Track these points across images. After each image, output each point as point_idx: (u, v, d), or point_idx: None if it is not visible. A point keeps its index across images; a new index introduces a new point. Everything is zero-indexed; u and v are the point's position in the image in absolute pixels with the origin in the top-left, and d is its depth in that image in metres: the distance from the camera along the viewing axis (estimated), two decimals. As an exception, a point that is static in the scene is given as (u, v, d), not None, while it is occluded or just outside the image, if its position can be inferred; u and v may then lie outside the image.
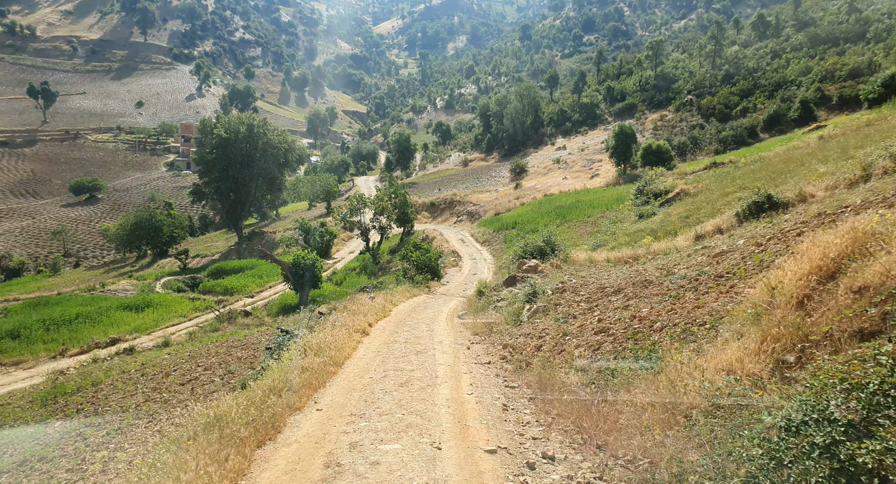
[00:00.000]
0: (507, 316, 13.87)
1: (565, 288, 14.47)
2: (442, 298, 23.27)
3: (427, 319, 15.91)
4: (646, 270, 15.00)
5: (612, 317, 9.84)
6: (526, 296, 14.41)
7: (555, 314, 12.26)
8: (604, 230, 30.43)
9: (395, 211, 44.36)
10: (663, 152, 44.36)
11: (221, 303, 37.63)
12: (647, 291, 11.82)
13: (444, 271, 33.79)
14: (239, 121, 58.66)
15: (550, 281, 16.12)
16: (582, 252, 23.59)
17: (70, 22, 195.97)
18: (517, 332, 11.80)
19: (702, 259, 13.91)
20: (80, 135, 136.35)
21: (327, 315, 16.69)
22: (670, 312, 8.68)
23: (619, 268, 18.27)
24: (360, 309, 15.01)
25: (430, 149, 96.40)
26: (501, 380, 8.83)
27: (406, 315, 16.49)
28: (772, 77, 59.79)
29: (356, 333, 11.76)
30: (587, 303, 12.55)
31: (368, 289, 22.89)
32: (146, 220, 67.37)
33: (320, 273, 33.77)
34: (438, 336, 12.43)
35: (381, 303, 16.87)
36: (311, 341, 10.31)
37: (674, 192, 28.28)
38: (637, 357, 7.63)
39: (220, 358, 17.52)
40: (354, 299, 17.48)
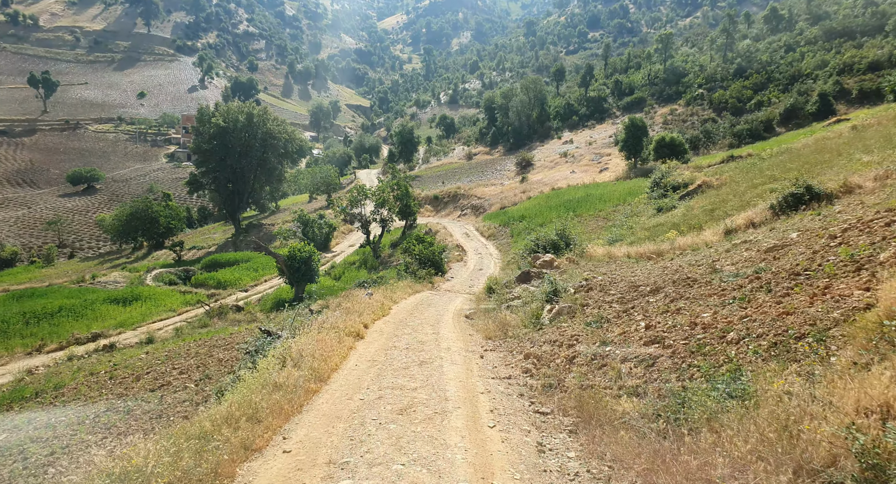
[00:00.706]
0: (525, 317, 12.02)
1: (591, 286, 12.62)
2: (446, 295, 21.45)
3: (431, 318, 14.09)
4: (681, 266, 13.13)
5: (664, 323, 7.98)
6: (546, 294, 12.56)
7: (583, 317, 10.42)
8: (619, 224, 28.56)
9: (397, 203, 42.50)
10: (677, 145, 42.39)
11: (213, 297, 35.86)
12: (695, 291, 10.00)
13: (448, 266, 31.97)
14: (238, 109, 56.79)
15: (571, 278, 14.28)
16: (599, 247, 21.77)
17: (73, 12, 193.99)
18: (539, 337, 9.95)
19: (749, 255, 12.09)
20: (80, 125, 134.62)
21: (319, 313, 14.88)
22: (745, 319, 6.82)
23: (644, 264, 16.52)
24: (356, 307, 13.16)
25: (434, 142, 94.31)
26: (528, 402, 6.99)
27: (408, 314, 14.66)
28: (786, 71, 57.67)
29: (348, 337, 9.91)
30: (621, 304, 10.71)
31: (367, 284, 21.08)
32: (142, 210, 65.69)
33: (317, 267, 31.94)
34: (445, 340, 10.59)
35: (379, 300, 15.02)
36: (293, 348, 8.48)
37: (695, 185, 26.37)
38: (712, 379, 5.79)
39: (199, 359, 15.73)
40: (350, 296, 15.64)
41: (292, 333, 9.88)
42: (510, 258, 30.64)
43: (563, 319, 10.79)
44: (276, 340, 10.55)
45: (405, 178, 45.31)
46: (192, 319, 30.06)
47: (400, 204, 43.34)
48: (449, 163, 79.75)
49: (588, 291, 12.24)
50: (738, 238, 15.70)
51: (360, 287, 20.04)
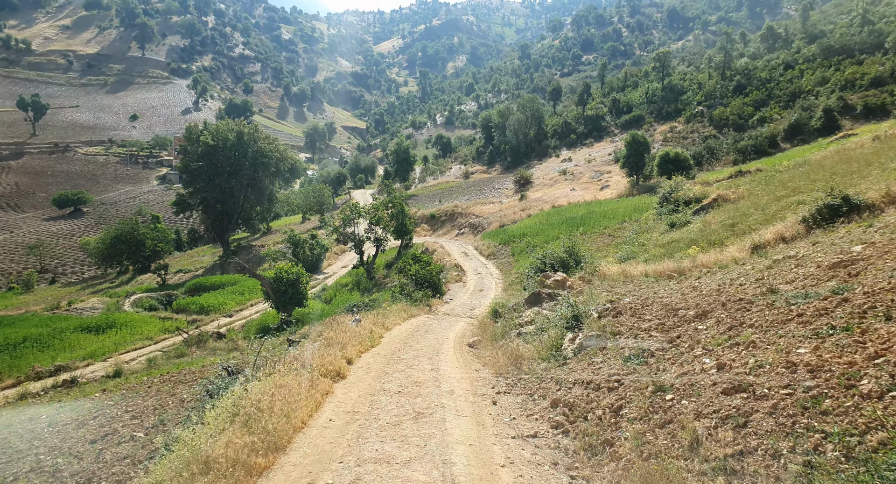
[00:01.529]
0: (542, 348, 9.97)
1: (618, 309, 10.61)
2: (445, 320, 19.37)
3: (429, 348, 12.02)
4: (722, 286, 11.18)
5: (741, 361, 5.95)
6: (565, 320, 10.54)
7: (617, 349, 8.41)
8: (629, 241, 26.67)
9: (392, 222, 40.57)
10: (682, 161, 40.84)
11: (195, 323, 33.57)
12: (756, 316, 8.05)
13: (446, 287, 29.89)
14: (227, 128, 55.15)
15: (590, 299, 12.28)
16: (612, 265, 19.86)
17: (67, 36, 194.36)
18: (566, 376, 7.89)
19: (806, 272, 10.24)
20: (69, 148, 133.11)
21: (297, 344, 12.78)
22: (876, 360, 4.83)
23: (666, 283, 14.64)
24: (340, 337, 11.06)
25: (431, 161, 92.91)
26: (566, 477, 4.93)
27: (401, 343, 12.58)
28: (787, 87, 56.84)
29: (325, 379, 7.83)
30: (662, 332, 8.71)
31: (357, 308, 18.96)
32: (128, 233, 63.68)
33: (306, 289, 29.84)
34: (447, 380, 8.53)
35: (368, 327, 12.93)
36: (250, 396, 6.39)
37: (709, 199, 24.60)
38: (867, 460, 3.76)
39: (159, 399, 13.54)
40: (334, 323, 13.55)
41: (255, 372, 7.78)
42: (513, 278, 28.64)
43: (592, 351, 8.76)
44: (236, 381, 8.44)
45: (401, 195, 43.47)
46: (168, 349, 27.75)
47: (395, 222, 41.42)
48: (446, 182, 78.19)
49: (617, 316, 10.23)
50: (773, 254, 13.89)
51: (349, 312, 17.95)
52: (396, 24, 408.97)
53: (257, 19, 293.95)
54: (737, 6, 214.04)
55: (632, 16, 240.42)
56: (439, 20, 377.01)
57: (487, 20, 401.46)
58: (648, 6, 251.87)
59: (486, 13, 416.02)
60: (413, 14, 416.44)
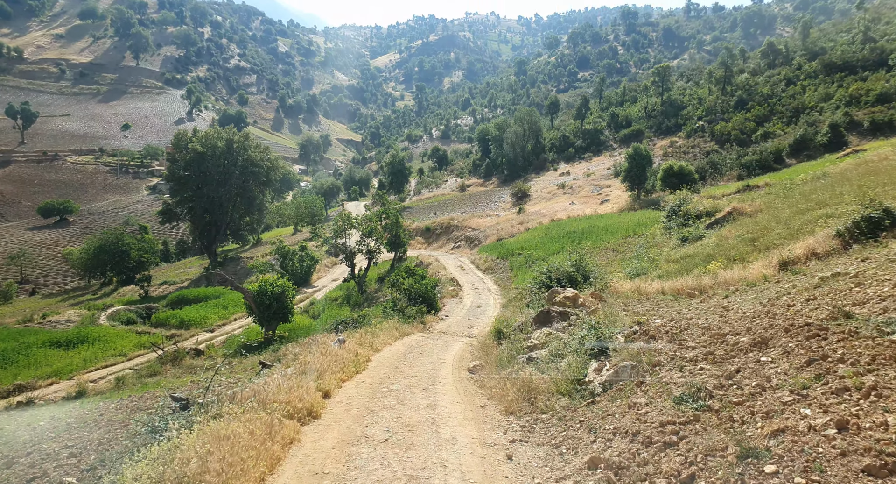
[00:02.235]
0: (560, 379, 8.25)
1: (649, 333, 8.92)
2: (441, 339, 17.60)
3: (423, 375, 10.27)
4: (771, 308, 9.55)
5: (878, 420, 4.24)
6: (588, 346, 8.83)
7: (661, 385, 6.71)
8: (637, 256, 25.07)
9: (385, 233, 38.88)
10: (686, 174, 39.52)
11: (173, 338, 31.54)
12: (842, 349, 6.42)
13: (441, 303, 28.09)
14: (217, 135, 53.54)
15: (610, 320, 10.59)
16: (624, 281, 18.26)
17: (60, 45, 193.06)
18: (599, 420, 6.17)
19: (884, 291, 8.74)
20: (58, 156, 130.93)
21: (271, 368, 10.98)
22: None
23: (688, 302, 13.12)
24: (318, 362, 9.28)
25: (426, 174, 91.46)
26: None
27: (391, 369, 10.81)
28: (789, 103, 56.02)
29: (290, 421, 6.07)
30: (714, 365, 7.03)
31: (342, 326, 17.14)
32: (112, 243, 61.44)
33: (291, 303, 27.97)
34: (447, 422, 6.79)
35: (353, 349, 11.14)
36: (183, 449, 4.60)
37: (723, 212, 23.10)
38: None
39: (110, 430, 11.66)
40: (314, 344, 11.76)
41: (200, 412, 5.99)
42: (513, 294, 26.92)
43: (628, 386, 7.04)
44: (185, 413, 6.65)
45: (395, 206, 41.80)
46: (141, 366, 25.78)
47: (389, 234, 39.73)
48: (441, 194, 76.68)
49: (650, 342, 8.53)
50: (812, 271, 12.38)
51: (333, 331, 16.12)
52: (393, 39, 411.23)
53: (254, 32, 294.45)
54: (731, 27, 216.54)
55: (627, 34, 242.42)
56: (436, 36, 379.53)
57: (484, 37, 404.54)
58: (644, 25, 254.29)
59: (482, 30, 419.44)
60: (410, 29, 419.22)
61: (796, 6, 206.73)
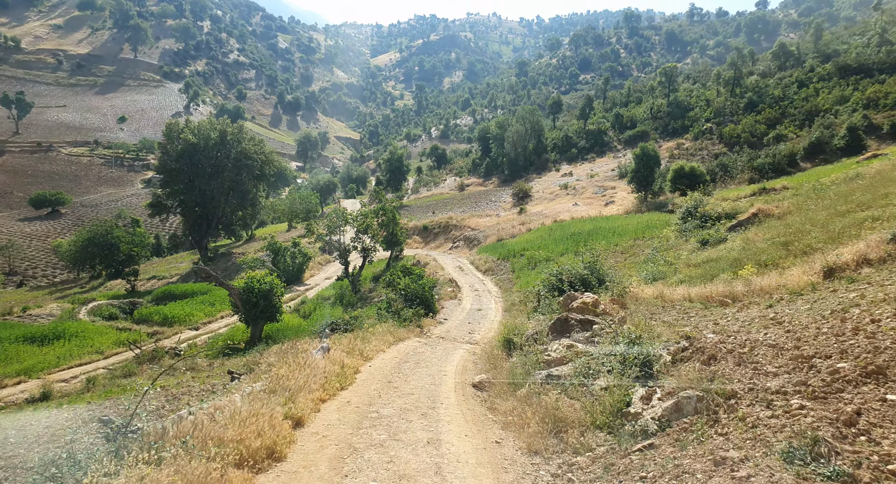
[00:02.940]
0: (596, 407, 6.56)
1: (706, 352, 7.24)
2: (440, 345, 15.94)
3: (421, 394, 8.59)
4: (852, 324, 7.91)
5: None
6: (628, 364, 7.15)
7: (743, 426, 5.03)
8: (651, 259, 23.42)
9: (381, 231, 37.15)
10: (697, 176, 37.93)
11: (155, 336, 29.80)
12: None
13: (439, 305, 26.41)
14: (210, 126, 51.74)
15: (645, 332, 8.92)
16: (645, 286, 16.64)
17: (58, 36, 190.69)
18: (668, 479, 4.47)
19: None
20: (52, 147, 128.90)
21: (240, 380, 9.25)
22: None
23: (721, 311, 11.49)
24: (293, 376, 7.57)
25: (424, 172, 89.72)
26: None
27: (383, 384, 9.12)
28: (802, 106, 54.53)
29: (238, 470, 4.36)
30: (816, 401, 5.38)
31: (328, 331, 15.40)
32: (101, 235, 59.48)
33: (280, 302, 26.23)
34: (455, 473, 5.05)
35: (339, 359, 9.43)
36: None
37: (747, 214, 21.49)
38: None
39: (41, 448, 9.92)
40: (292, 353, 10.05)
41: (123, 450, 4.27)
42: (516, 297, 25.24)
43: (698, 427, 5.34)
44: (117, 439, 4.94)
45: (392, 203, 40.07)
46: (116, 366, 24.04)
47: (385, 232, 38.01)
48: (440, 193, 74.98)
49: (709, 363, 6.84)
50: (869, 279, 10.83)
51: (319, 335, 14.38)
52: (394, 38, 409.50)
53: (254, 27, 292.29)
54: (735, 32, 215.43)
55: (630, 37, 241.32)
56: (437, 36, 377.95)
57: (485, 37, 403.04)
58: (647, 29, 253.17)
59: (483, 31, 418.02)
60: (411, 29, 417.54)
61: (801, 12, 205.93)
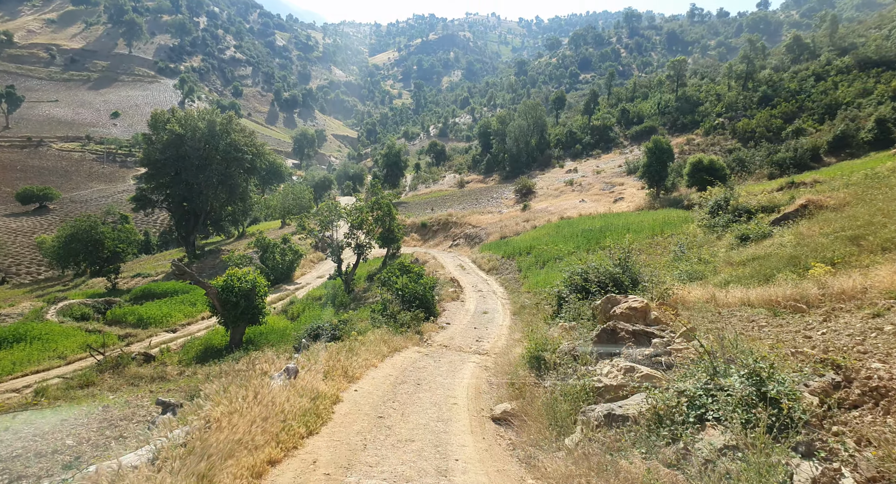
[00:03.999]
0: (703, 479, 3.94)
1: (882, 392, 4.64)
2: (445, 357, 13.35)
3: (425, 440, 6.07)
4: None
5: None
6: (750, 411, 4.55)
7: None
8: (680, 257, 20.85)
9: (377, 226, 34.56)
10: (717, 170, 35.42)
11: (127, 338, 27.11)
12: None
13: (439, 307, 23.79)
14: (198, 116, 49.06)
15: (734, 353, 6.34)
16: (692, 288, 14.09)
17: (52, 30, 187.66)
18: None
19: None
20: (43, 142, 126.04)
21: (176, 411, 6.61)
22: None
23: (804, 320, 9.05)
24: (234, 425, 4.95)
25: (423, 169, 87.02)
26: None
27: (370, 421, 6.54)
28: (820, 99, 52.06)
29: None
30: None
31: (304, 341, 12.75)
32: (84, 231, 56.74)
33: (263, 302, 23.63)
34: None
35: (311, 387, 6.80)
36: None
37: (794, 206, 18.94)
38: None
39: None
40: (244, 377, 7.43)
41: None
42: (527, 298, 22.66)
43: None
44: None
45: (389, 197, 37.39)
46: (74, 374, 21.36)
47: (381, 228, 35.41)
48: (439, 190, 72.33)
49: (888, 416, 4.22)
50: None
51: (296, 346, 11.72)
52: (393, 37, 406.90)
53: (252, 24, 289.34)
54: (736, 32, 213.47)
55: (630, 37, 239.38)
56: (436, 35, 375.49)
57: (484, 37, 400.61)
58: (647, 28, 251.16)
59: (482, 30, 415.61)
60: (409, 28, 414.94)
61: (803, 13, 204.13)
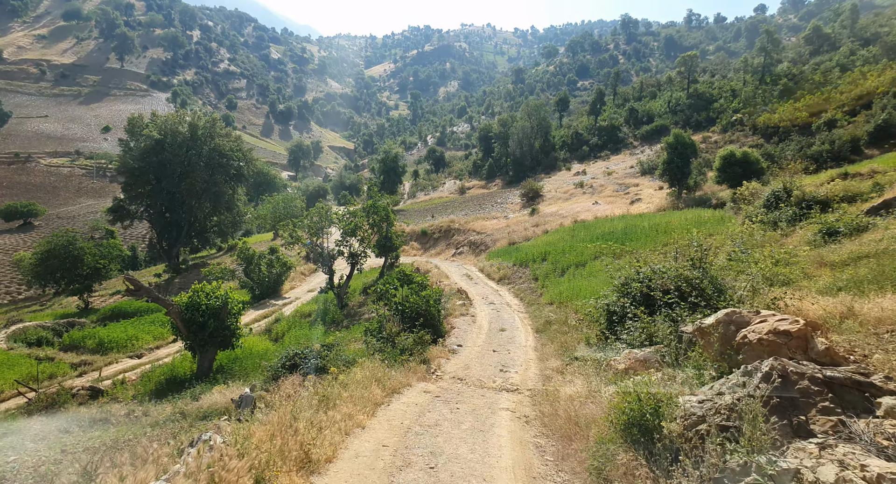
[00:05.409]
0: None
1: None
2: (464, 400, 9.51)
3: None
4: None
5: None
6: None
7: None
8: (739, 258, 17.08)
9: (373, 233, 30.77)
10: (752, 163, 31.78)
11: (81, 367, 23.17)
12: None
13: (446, 323, 19.89)
14: (179, 120, 45.47)
15: None
16: (805, 297, 10.19)
17: (42, 46, 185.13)
18: None
19: None
20: (31, 158, 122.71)
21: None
22: None
23: None
24: None
25: (422, 176, 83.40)
26: None
27: None
28: (849, 90, 48.67)
29: None
30: None
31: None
32: (62, 247, 52.83)
33: (236, 322, 19.78)
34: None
35: None
36: None
37: (892, 193, 15.19)
38: None
39: None
40: None
41: None
42: (552, 312, 18.82)
43: None
44: None
45: (385, 198, 33.54)
46: (7, 413, 17.45)
47: (377, 234, 31.63)
48: (439, 197, 68.67)
49: None
50: None
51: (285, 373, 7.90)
52: (388, 49, 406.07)
53: (246, 38, 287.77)
54: (734, 37, 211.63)
55: (628, 43, 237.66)
56: (431, 46, 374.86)
57: (480, 48, 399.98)
58: (645, 34, 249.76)
59: (478, 41, 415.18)
60: (405, 40, 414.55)
61: (801, 17, 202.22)
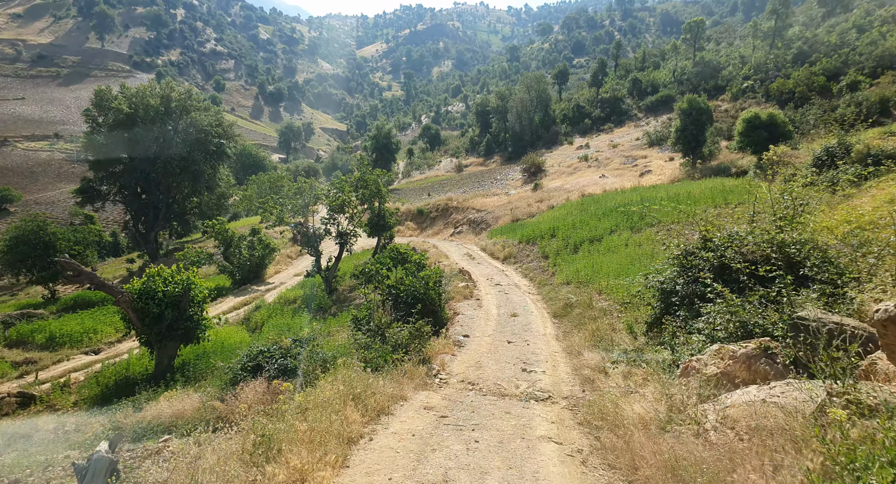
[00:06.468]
0: None
1: None
2: (483, 421, 6.58)
3: None
4: None
5: None
6: None
7: None
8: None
9: (364, 210, 27.68)
10: (779, 125, 28.81)
11: (25, 366, 20.12)
12: None
13: (448, 308, 16.93)
14: (150, 92, 41.85)
15: None
16: None
17: (18, 25, 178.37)
18: None
19: None
20: (7, 142, 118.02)
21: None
22: None
23: None
24: None
25: (416, 155, 79.92)
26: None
27: None
28: (869, 51, 45.55)
29: None
30: None
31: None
32: (31, 233, 49.37)
33: (201, 312, 16.73)
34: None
35: None
36: None
37: None
38: None
39: None
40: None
41: None
42: (572, 293, 15.94)
43: None
44: None
45: (377, 174, 30.22)
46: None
47: (369, 211, 28.54)
48: (435, 175, 65.38)
49: None
50: None
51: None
52: (380, 28, 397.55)
53: (233, 17, 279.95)
54: (731, 11, 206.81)
55: (624, 19, 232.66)
56: (424, 25, 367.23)
57: (473, 27, 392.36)
58: (640, 10, 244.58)
59: (472, 20, 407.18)
60: (397, 19, 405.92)
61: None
